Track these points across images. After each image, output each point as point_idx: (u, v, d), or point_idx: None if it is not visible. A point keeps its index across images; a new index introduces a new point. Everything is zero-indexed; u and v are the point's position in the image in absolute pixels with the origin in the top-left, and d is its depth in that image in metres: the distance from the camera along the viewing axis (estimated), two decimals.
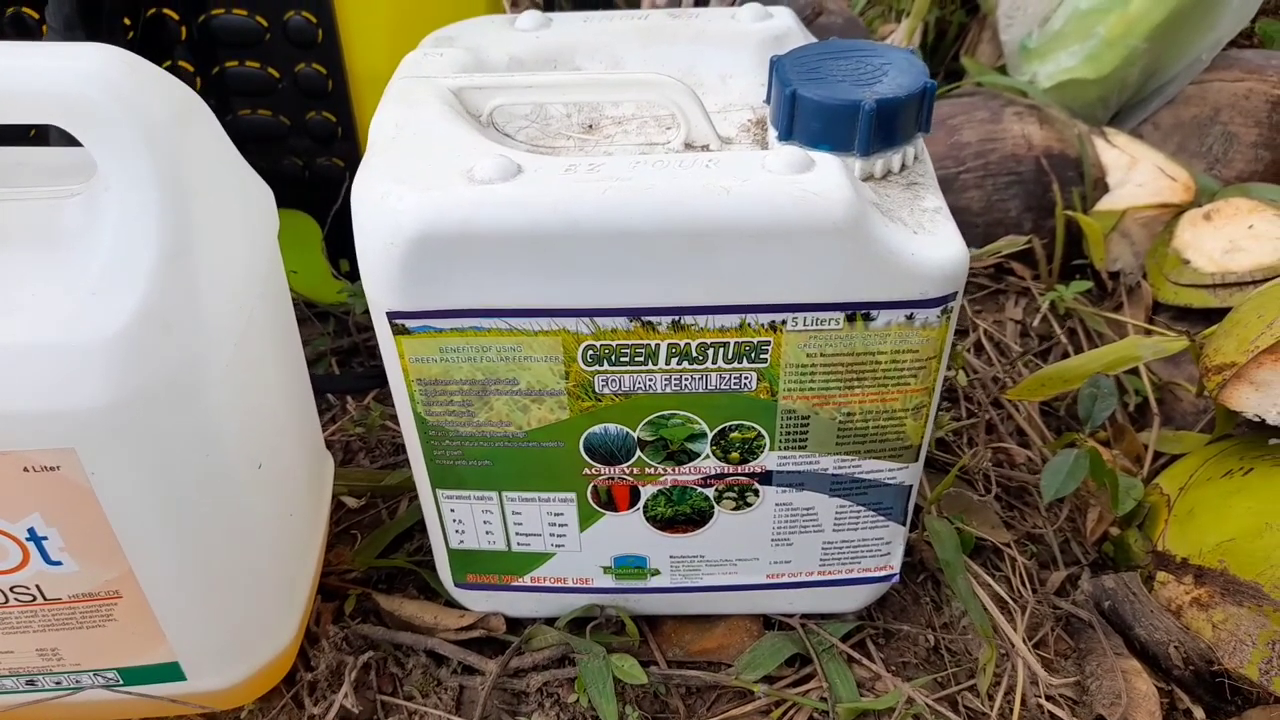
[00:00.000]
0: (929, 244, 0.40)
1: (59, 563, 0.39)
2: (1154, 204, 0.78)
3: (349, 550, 0.56)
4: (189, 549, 0.40)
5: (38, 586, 0.40)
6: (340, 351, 0.71)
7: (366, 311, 0.69)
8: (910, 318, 0.41)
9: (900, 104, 0.40)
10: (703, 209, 0.37)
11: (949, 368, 0.70)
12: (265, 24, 0.60)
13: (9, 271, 0.36)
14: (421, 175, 0.38)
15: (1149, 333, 0.72)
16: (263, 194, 0.44)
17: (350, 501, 0.60)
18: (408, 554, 0.57)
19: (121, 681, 0.44)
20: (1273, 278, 0.67)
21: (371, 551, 0.56)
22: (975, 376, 0.70)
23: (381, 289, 0.40)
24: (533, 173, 0.38)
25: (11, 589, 0.40)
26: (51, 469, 0.36)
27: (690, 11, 0.52)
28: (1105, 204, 0.79)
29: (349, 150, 0.65)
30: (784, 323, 0.40)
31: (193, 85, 0.62)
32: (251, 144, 0.64)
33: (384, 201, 0.38)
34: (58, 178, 0.40)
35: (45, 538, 0.38)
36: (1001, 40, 0.93)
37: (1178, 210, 0.78)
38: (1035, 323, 0.76)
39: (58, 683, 0.44)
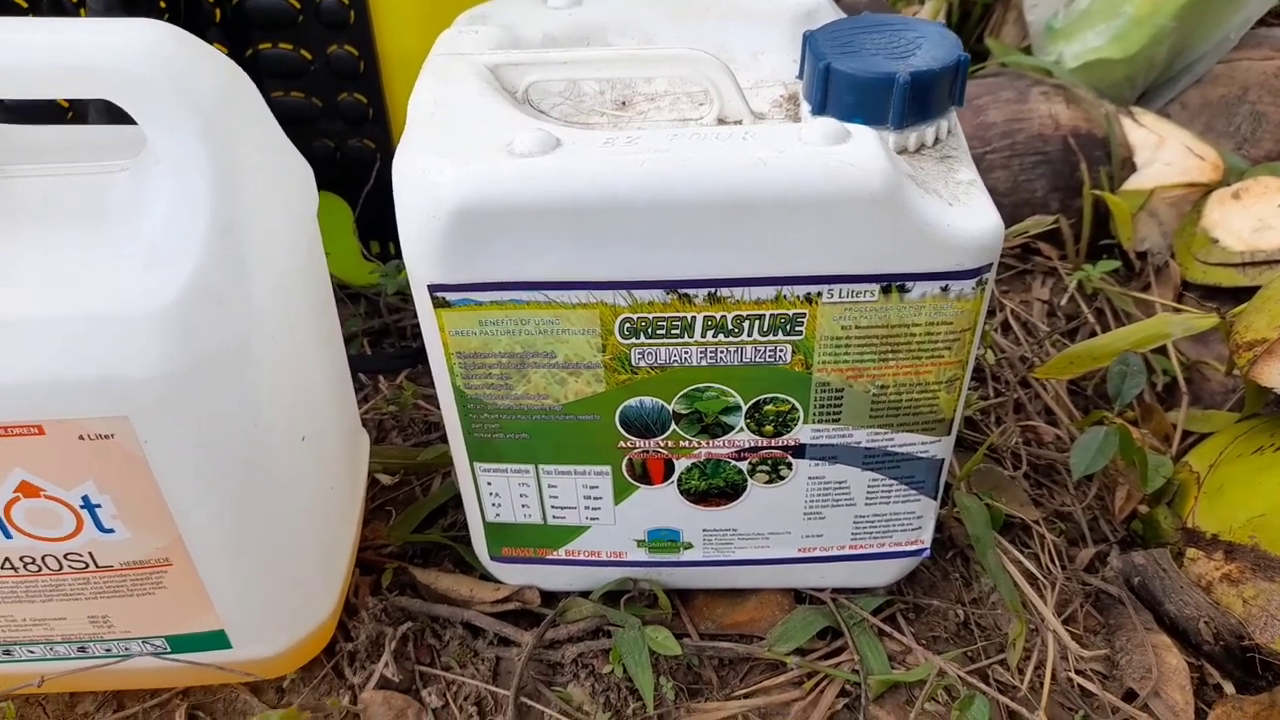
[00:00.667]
0: (964, 215, 0.40)
1: (111, 530, 0.40)
2: (1182, 183, 0.78)
3: (384, 526, 0.57)
4: (236, 518, 0.41)
5: (90, 554, 0.41)
6: (371, 332, 0.72)
7: (398, 293, 0.71)
8: (945, 289, 0.41)
9: (934, 77, 0.40)
10: (740, 180, 0.38)
11: (980, 346, 0.70)
12: (298, 6, 0.60)
13: (62, 244, 0.37)
14: (461, 149, 0.39)
15: (1178, 311, 0.72)
16: (304, 172, 0.45)
17: (384, 479, 0.61)
18: (442, 529, 0.57)
19: (169, 649, 0.45)
20: None
21: (407, 526, 0.57)
22: (1003, 356, 0.70)
23: (422, 262, 0.40)
24: (571, 146, 0.39)
25: (65, 556, 0.41)
26: (106, 437, 0.36)
27: None
28: (1133, 183, 0.79)
29: (380, 132, 0.65)
30: (819, 295, 0.41)
31: None
32: (284, 126, 0.65)
33: (425, 176, 0.39)
34: (103, 154, 0.41)
35: (99, 505, 0.39)
36: (1027, 20, 0.93)
37: (1206, 189, 0.78)
38: (1062, 302, 0.76)
39: (108, 650, 0.45)
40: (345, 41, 0.61)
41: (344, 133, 0.65)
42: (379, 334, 0.72)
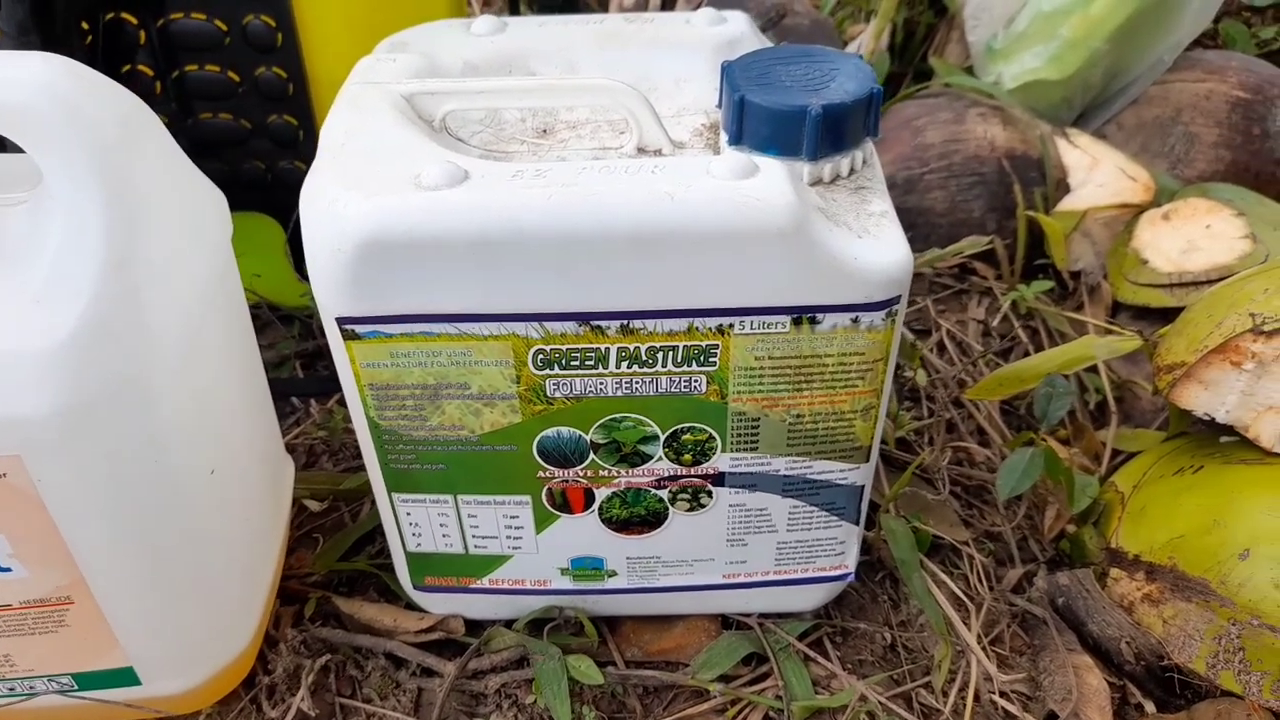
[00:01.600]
0: (873, 248, 0.40)
1: (8, 569, 0.39)
2: (1114, 204, 0.79)
3: (310, 553, 0.57)
4: (140, 555, 0.41)
5: None
6: (305, 354, 0.71)
7: None
8: (855, 321, 0.41)
9: (847, 109, 0.41)
10: (647, 215, 0.38)
11: (910, 367, 0.71)
12: (224, 28, 0.60)
13: None
14: (369, 181, 0.39)
15: (1108, 332, 0.73)
16: (215, 201, 0.44)
17: (312, 505, 0.60)
18: (369, 557, 0.57)
19: (76, 687, 0.44)
20: (1226, 277, 0.68)
21: (332, 555, 0.56)
22: (937, 376, 0.71)
23: (330, 294, 0.40)
24: (480, 179, 0.39)
25: None
26: None
27: (645, 16, 0.52)
28: (1067, 204, 0.80)
29: (310, 153, 0.63)
30: (731, 326, 0.41)
31: (153, 90, 0.62)
32: (213, 148, 0.65)
33: (331, 207, 0.38)
34: (7, 185, 0.40)
35: None
36: (968, 41, 0.94)
37: (1138, 210, 0.79)
38: (997, 322, 0.77)
39: (11, 689, 0.44)
40: (273, 64, 0.61)
41: (274, 154, 0.65)
42: (312, 356, 0.71)
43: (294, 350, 0.70)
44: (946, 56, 1.00)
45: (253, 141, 0.64)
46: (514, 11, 0.75)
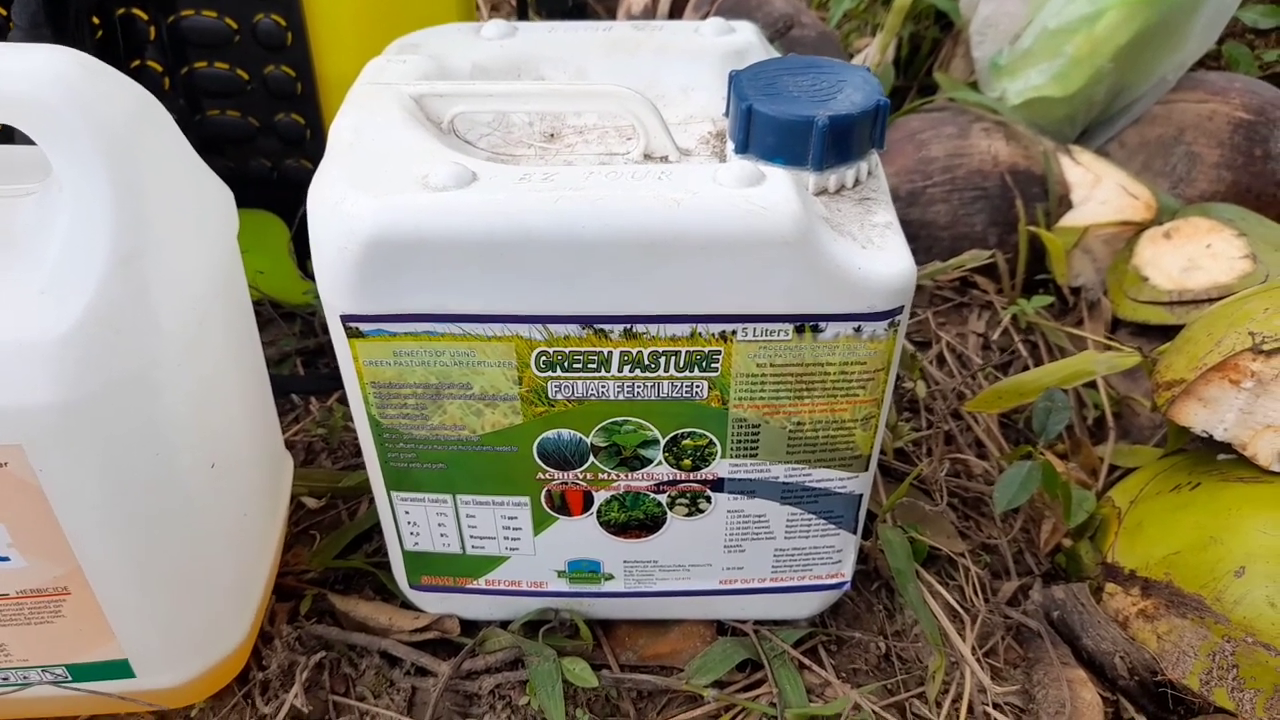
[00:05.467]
0: (876, 258, 0.40)
1: (6, 558, 0.39)
2: (1116, 221, 0.79)
3: (307, 550, 0.57)
4: (138, 547, 0.41)
5: None
6: (306, 352, 0.71)
7: None
8: (858, 330, 0.41)
9: (853, 121, 0.41)
10: (653, 220, 0.38)
11: (909, 379, 0.71)
12: (235, 26, 0.60)
13: None
14: (377, 180, 0.39)
15: (1107, 348, 0.73)
16: (222, 196, 0.44)
17: (310, 502, 0.60)
18: (366, 555, 0.57)
19: (70, 678, 0.44)
20: (1226, 296, 0.68)
21: (329, 552, 0.56)
22: (936, 387, 0.71)
23: (336, 292, 0.40)
24: (487, 180, 0.39)
25: None
26: None
27: (654, 24, 0.52)
28: (1068, 220, 0.80)
29: (317, 152, 0.65)
30: (734, 333, 0.41)
31: (162, 86, 0.62)
32: (220, 145, 0.65)
33: (339, 206, 0.39)
34: (17, 175, 0.40)
35: None
36: (973, 57, 0.95)
37: (1139, 228, 0.79)
38: (997, 336, 0.77)
39: (5, 679, 0.44)
40: (282, 62, 0.61)
41: (281, 152, 0.65)
42: (313, 354, 0.71)
43: (295, 348, 0.70)
44: (951, 72, 1.00)
45: (260, 139, 0.64)
46: (522, 17, 0.75)
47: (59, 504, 0.37)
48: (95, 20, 0.57)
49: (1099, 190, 0.81)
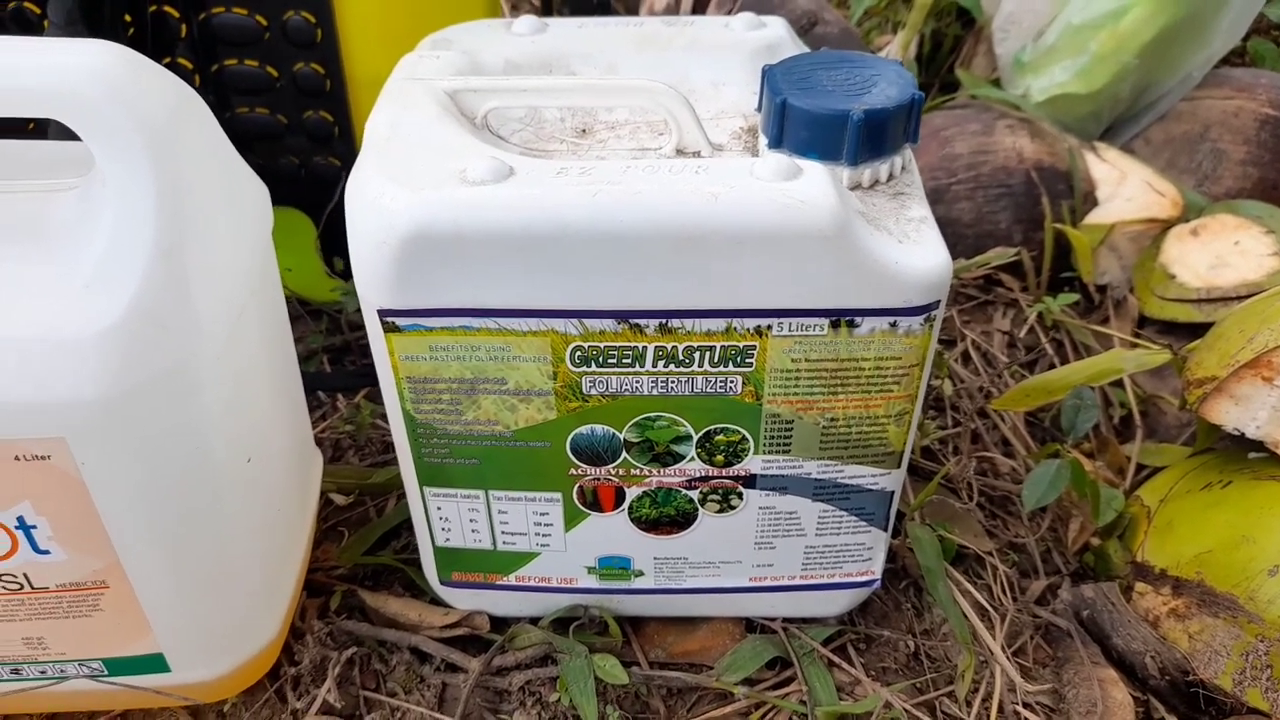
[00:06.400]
0: (913, 253, 0.40)
1: (47, 552, 0.39)
2: (1142, 219, 0.79)
3: (336, 547, 0.57)
4: (175, 541, 0.41)
5: (25, 575, 0.40)
6: (332, 349, 0.71)
7: (359, 310, 0.70)
8: (894, 325, 0.41)
9: (888, 115, 0.41)
10: (690, 214, 0.38)
11: (935, 377, 0.70)
12: (265, 23, 0.60)
13: (4, 262, 0.37)
14: (415, 176, 0.39)
15: (1134, 346, 0.73)
16: (258, 192, 0.44)
17: (338, 499, 0.60)
18: (394, 551, 0.57)
19: (106, 672, 0.45)
20: (1256, 293, 0.68)
21: (358, 548, 0.56)
22: (962, 386, 0.71)
23: (373, 287, 0.40)
24: (525, 175, 0.39)
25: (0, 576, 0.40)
26: (42, 458, 0.36)
27: (684, 20, 0.52)
28: (1094, 218, 0.80)
29: (345, 149, 0.65)
30: (769, 328, 0.41)
31: (192, 83, 0.63)
32: (249, 142, 0.65)
33: (377, 201, 0.39)
34: (54, 171, 0.40)
35: (34, 526, 0.38)
36: (996, 53, 0.94)
37: (1165, 225, 0.79)
38: (1022, 334, 0.77)
39: (43, 672, 0.44)
40: (311, 60, 0.61)
41: (309, 150, 0.65)
42: (340, 351, 0.71)
43: (322, 345, 0.70)
44: (973, 69, 1.00)
45: (288, 137, 0.65)
46: (546, 13, 0.75)
47: (100, 497, 0.38)
48: (127, 18, 0.57)
49: (1125, 187, 0.80)
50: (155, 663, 0.44)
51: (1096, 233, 0.79)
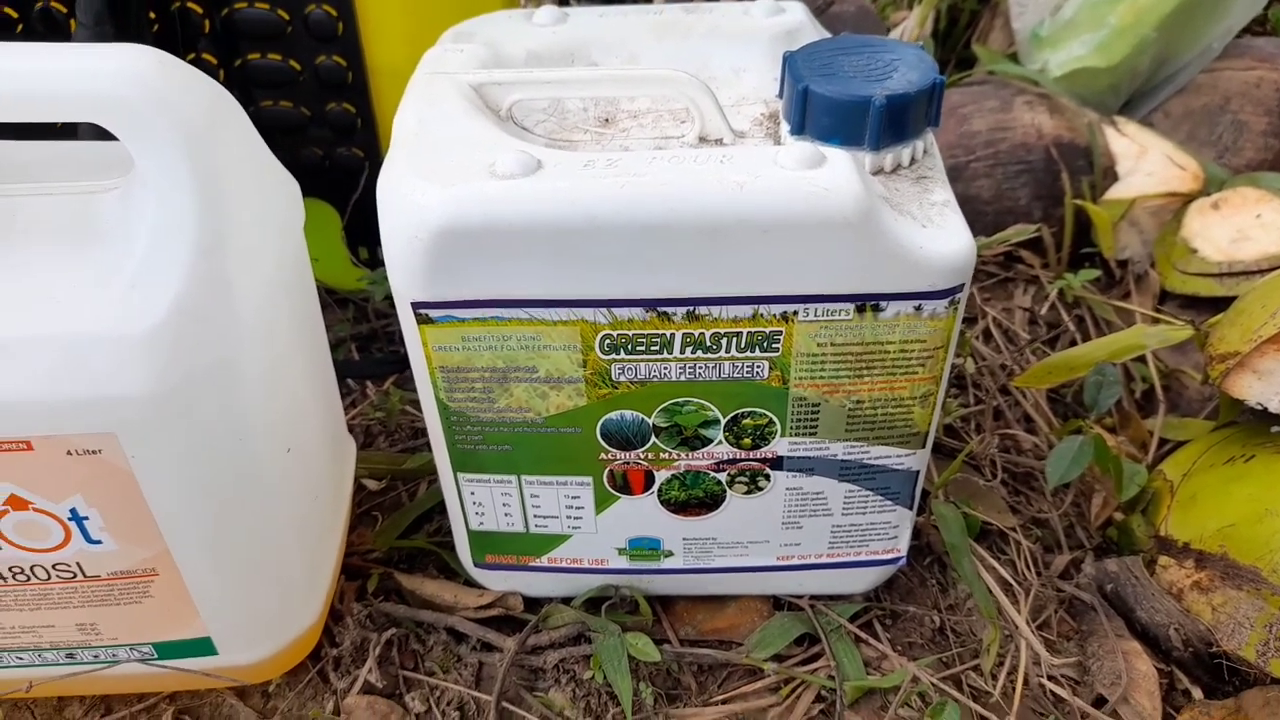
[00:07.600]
0: (937, 237, 0.41)
1: (99, 542, 0.41)
2: (1163, 193, 0.79)
3: (370, 531, 0.58)
4: (222, 529, 0.42)
5: (78, 564, 0.42)
6: (360, 337, 0.72)
7: (385, 298, 0.72)
8: (918, 309, 0.42)
9: (910, 100, 0.41)
10: (717, 204, 0.38)
11: (957, 355, 0.71)
12: (286, 17, 0.61)
13: (47, 264, 0.38)
14: (444, 170, 0.40)
15: (1156, 321, 0.73)
16: (290, 188, 0.45)
17: (371, 484, 0.61)
18: (427, 535, 0.58)
19: (156, 655, 0.46)
20: (1278, 267, 0.68)
21: (392, 532, 0.57)
22: (984, 364, 0.71)
23: (406, 280, 0.41)
24: (553, 168, 0.40)
25: (54, 566, 0.41)
26: (93, 452, 0.37)
27: (704, 6, 0.53)
28: (1114, 193, 0.79)
29: (368, 141, 0.66)
30: (795, 313, 0.42)
31: (215, 78, 0.63)
32: (273, 135, 0.65)
33: (409, 196, 0.39)
34: (90, 172, 0.41)
35: (86, 518, 0.40)
36: (1013, 28, 0.93)
37: (1186, 199, 0.79)
38: (1044, 310, 0.77)
39: (95, 656, 0.46)
40: (334, 52, 0.62)
41: (333, 141, 0.66)
42: (367, 339, 0.72)
43: (349, 333, 0.71)
44: (990, 44, 0.99)
45: (311, 129, 0.65)
46: (563, 1, 0.76)
47: (149, 489, 0.39)
48: (151, 15, 0.58)
49: (1145, 162, 0.80)
50: (203, 646, 0.46)
51: (1117, 208, 0.79)
